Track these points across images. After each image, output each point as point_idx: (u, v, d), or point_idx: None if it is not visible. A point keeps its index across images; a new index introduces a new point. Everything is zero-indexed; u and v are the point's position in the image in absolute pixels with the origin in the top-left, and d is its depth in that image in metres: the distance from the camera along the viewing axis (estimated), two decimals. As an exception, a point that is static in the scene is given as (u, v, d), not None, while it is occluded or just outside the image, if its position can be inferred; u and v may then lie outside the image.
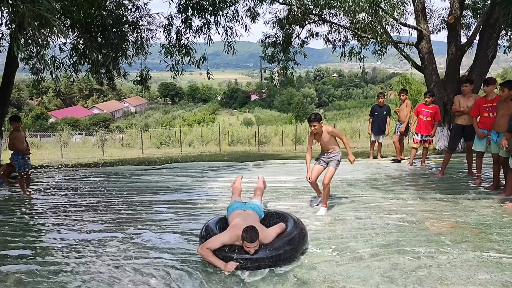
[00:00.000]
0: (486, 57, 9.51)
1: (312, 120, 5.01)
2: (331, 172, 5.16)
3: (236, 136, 28.12)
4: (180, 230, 4.66)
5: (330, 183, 5.17)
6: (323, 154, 5.32)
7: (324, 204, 5.22)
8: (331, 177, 5.15)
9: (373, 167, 8.48)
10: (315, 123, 5.00)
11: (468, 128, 6.80)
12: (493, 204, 5.39)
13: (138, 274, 3.49)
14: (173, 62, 9.86)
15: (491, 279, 3.28)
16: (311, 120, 5.02)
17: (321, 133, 5.13)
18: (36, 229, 4.72)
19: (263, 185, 5.45)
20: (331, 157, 5.23)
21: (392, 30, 10.66)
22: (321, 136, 5.14)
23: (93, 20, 7.91)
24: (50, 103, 70.75)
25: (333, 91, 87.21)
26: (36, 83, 10.09)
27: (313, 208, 5.41)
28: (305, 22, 11.67)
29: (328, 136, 5.15)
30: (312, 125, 5.02)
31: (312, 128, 5.05)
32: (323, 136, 5.14)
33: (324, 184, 5.14)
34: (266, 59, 12.48)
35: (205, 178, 7.80)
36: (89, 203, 6.00)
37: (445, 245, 4.00)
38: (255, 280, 3.35)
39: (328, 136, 5.15)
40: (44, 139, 33.24)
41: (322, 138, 5.15)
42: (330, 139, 5.17)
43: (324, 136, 5.14)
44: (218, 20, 10.09)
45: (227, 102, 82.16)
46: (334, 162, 5.20)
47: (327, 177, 5.13)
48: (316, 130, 5.05)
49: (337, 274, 3.44)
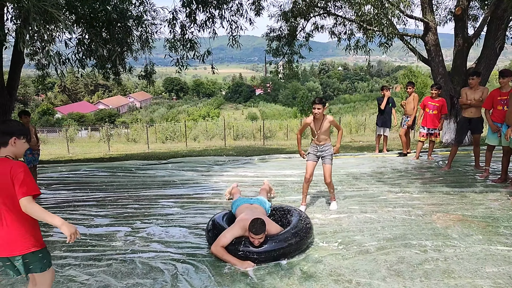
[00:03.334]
0: (494, 49, 9.39)
1: (317, 102, 4.82)
2: (329, 169, 5.01)
3: (241, 130, 28.16)
4: (186, 224, 4.68)
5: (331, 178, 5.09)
6: (315, 147, 5.06)
7: (333, 198, 5.21)
8: (330, 173, 5.02)
9: (379, 160, 8.45)
10: (320, 105, 4.79)
11: (475, 121, 6.73)
12: (500, 197, 5.35)
13: (145, 267, 3.51)
14: (178, 57, 9.84)
15: (499, 272, 3.27)
16: (315, 102, 4.83)
17: (321, 120, 4.91)
18: (44, 224, 4.76)
19: (268, 188, 5.46)
20: (324, 150, 4.99)
21: (398, 22, 10.56)
22: (320, 123, 4.91)
23: (97, 15, 7.91)
24: (56, 98, 71.19)
25: (338, 85, 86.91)
26: (41, 78, 10.14)
27: (315, 205, 5.40)
28: (310, 15, 11.59)
29: (327, 125, 4.93)
30: (316, 107, 4.79)
31: (316, 111, 4.79)
32: (323, 124, 4.90)
33: (327, 182, 5.06)
34: (271, 52, 12.44)
35: (211, 173, 7.81)
36: (96, 197, 6.04)
37: (452, 239, 3.98)
38: (261, 273, 3.36)
39: (327, 126, 4.94)
40: (51, 134, 33.52)
41: (322, 125, 4.90)
42: (327, 130, 4.98)
43: (324, 125, 4.90)
44: (222, 14, 10.06)
45: (231, 97, 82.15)
46: (329, 158, 5.00)
47: (327, 175, 5.00)
48: (318, 115, 4.82)
49: (343, 267, 3.44)
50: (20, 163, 2.40)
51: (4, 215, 2.37)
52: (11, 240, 2.38)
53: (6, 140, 2.43)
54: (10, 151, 2.44)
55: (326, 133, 4.99)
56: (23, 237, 2.40)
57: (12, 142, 2.44)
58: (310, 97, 61.05)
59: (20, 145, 2.48)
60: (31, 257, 2.44)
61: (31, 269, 2.47)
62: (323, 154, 5.04)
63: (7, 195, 2.34)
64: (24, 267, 2.45)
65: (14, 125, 2.53)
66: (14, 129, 2.48)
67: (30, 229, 2.43)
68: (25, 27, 5.01)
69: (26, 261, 2.43)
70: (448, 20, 11.88)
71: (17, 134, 2.47)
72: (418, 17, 10.38)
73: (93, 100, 73.84)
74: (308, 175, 5.10)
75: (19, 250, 2.39)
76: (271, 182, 6.59)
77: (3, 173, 2.33)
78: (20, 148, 2.49)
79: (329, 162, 5.02)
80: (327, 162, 5.02)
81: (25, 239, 2.40)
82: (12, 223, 2.37)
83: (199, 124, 32.83)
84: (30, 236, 2.43)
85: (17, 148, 2.47)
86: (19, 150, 2.49)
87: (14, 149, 2.46)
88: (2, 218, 2.37)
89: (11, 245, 2.38)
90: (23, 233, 2.40)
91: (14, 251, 2.39)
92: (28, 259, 2.43)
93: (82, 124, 46.38)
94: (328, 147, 5.02)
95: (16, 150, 2.47)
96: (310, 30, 12.34)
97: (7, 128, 2.47)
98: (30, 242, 2.42)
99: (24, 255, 2.41)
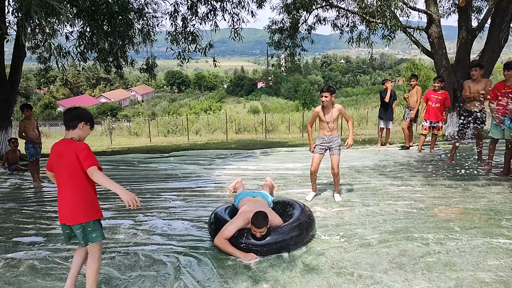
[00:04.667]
0: (498, 41, 9.30)
1: (324, 90, 4.84)
2: (337, 159, 5.06)
3: (243, 124, 28.14)
4: (189, 217, 4.70)
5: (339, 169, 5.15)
6: (323, 138, 5.06)
7: (336, 190, 5.24)
8: (338, 163, 5.10)
9: (381, 153, 8.43)
10: (327, 93, 4.80)
11: (478, 114, 6.69)
12: (503, 190, 5.34)
13: (148, 260, 3.54)
14: (180, 50, 9.82)
15: (501, 265, 3.27)
16: (323, 90, 4.85)
17: (329, 108, 4.90)
18: (48, 217, 4.80)
19: (271, 184, 5.47)
20: (333, 141, 5.01)
21: (401, 14, 10.44)
22: (329, 111, 4.90)
23: (99, 8, 7.87)
24: (57, 92, 71.13)
25: (341, 78, 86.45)
26: (43, 72, 10.14)
27: (317, 198, 5.41)
28: (313, 7, 11.49)
29: (336, 114, 4.92)
30: (323, 95, 4.82)
31: (323, 99, 4.82)
32: (332, 113, 4.89)
33: (335, 173, 5.09)
34: (273, 45, 12.35)
35: (213, 166, 7.83)
36: (98, 190, 6.05)
37: (454, 232, 3.99)
38: (264, 266, 3.38)
39: (336, 114, 4.92)
40: (53, 128, 33.60)
41: (331, 113, 4.89)
42: (336, 120, 4.97)
43: (333, 114, 4.89)
44: (224, 6, 10.01)
45: (233, 90, 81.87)
46: (337, 149, 5.04)
47: (336, 165, 5.06)
48: (326, 103, 4.83)
49: (345, 260, 3.45)
50: (83, 143, 2.73)
51: (70, 188, 2.69)
52: (75, 210, 2.69)
53: (76, 124, 2.76)
54: (76, 134, 2.77)
55: (335, 122, 4.99)
56: (85, 208, 2.71)
57: (80, 126, 2.77)
58: (312, 90, 60.90)
59: (85, 130, 2.82)
60: (92, 226, 2.74)
61: (88, 237, 2.75)
62: (331, 146, 5.06)
63: (73, 170, 2.66)
64: (82, 235, 2.73)
65: (84, 112, 2.86)
66: (84, 115, 2.82)
67: (91, 201, 2.76)
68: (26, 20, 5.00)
69: (86, 229, 2.72)
70: (452, 12, 11.76)
71: (86, 120, 2.81)
72: (421, 9, 10.28)
73: (95, 94, 73.79)
74: (313, 168, 5.14)
75: (82, 219, 2.69)
76: (273, 175, 6.60)
77: (69, 152, 2.66)
78: (85, 132, 2.82)
79: (337, 153, 5.07)
80: (336, 152, 5.06)
81: (87, 210, 2.71)
82: (77, 195, 2.69)
83: (201, 118, 32.83)
84: (92, 207, 2.75)
85: (83, 132, 2.80)
86: (84, 134, 2.82)
87: (81, 133, 2.79)
88: (68, 190, 2.69)
89: (75, 214, 2.69)
90: (85, 204, 2.71)
91: (78, 220, 2.69)
92: (90, 227, 2.73)
93: (84, 117, 46.36)
94: (336, 138, 5.06)
95: (81, 134, 2.80)
96: (313, 23, 12.25)
97: (79, 113, 2.81)
98: (92, 212, 2.74)
99: (86, 223, 2.71)
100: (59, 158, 2.70)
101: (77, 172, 2.65)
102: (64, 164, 2.68)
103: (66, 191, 2.69)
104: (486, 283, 2.99)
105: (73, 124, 2.75)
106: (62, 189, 2.72)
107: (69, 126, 2.76)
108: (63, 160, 2.68)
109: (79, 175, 2.66)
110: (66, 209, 2.70)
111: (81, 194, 2.69)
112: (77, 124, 2.75)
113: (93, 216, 2.74)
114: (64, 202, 2.70)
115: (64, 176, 2.69)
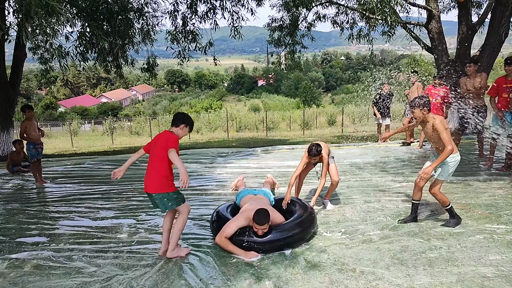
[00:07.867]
0: (499, 36, 9.27)
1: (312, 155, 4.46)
2: (335, 168, 4.78)
3: (244, 122, 28.14)
4: (191, 215, 4.68)
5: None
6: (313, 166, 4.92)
7: (327, 197, 4.93)
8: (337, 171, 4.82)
9: (382, 150, 8.44)
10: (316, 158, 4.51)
11: (478, 109, 6.68)
12: (504, 185, 5.35)
13: (151, 259, 3.55)
14: (180, 49, 9.83)
15: (502, 259, 3.28)
16: (310, 154, 4.47)
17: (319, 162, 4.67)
18: (51, 217, 4.83)
19: (272, 181, 5.46)
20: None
21: (401, 10, 10.46)
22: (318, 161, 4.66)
23: (98, 8, 7.88)
24: (58, 92, 71.16)
25: (341, 75, 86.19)
26: (44, 72, 10.16)
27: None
28: (312, 4, 11.46)
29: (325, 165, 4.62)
30: (312, 159, 4.54)
31: (312, 161, 4.60)
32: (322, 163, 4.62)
33: (336, 181, 4.77)
34: (272, 43, 12.36)
35: (214, 164, 7.84)
36: (101, 190, 6.09)
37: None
38: (266, 263, 3.39)
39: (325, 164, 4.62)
40: (54, 128, 33.63)
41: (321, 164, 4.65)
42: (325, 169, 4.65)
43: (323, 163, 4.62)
44: (223, 4, 10.00)
45: (234, 88, 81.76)
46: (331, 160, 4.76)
47: (335, 174, 4.76)
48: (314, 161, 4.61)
49: (347, 256, 3.46)
50: (176, 136, 3.39)
51: (157, 163, 3.34)
52: (157, 181, 3.34)
53: (179, 124, 3.46)
54: (176, 130, 3.45)
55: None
56: (164, 181, 3.34)
57: (181, 127, 3.47)
58: (312, 87, 60.80)
59: (184, 130, 3.49)
60: (168, 196, 3.37)
61: (166, 205, 3.41)
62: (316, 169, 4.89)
63: (161, 151, 3.30)
64: (161, 203, 3.40)
65: (188, 118, 3.55)
66: (187, 120, 3.51)
67: (170, 176, 3.38)
68: (27, 21, 5.01)
69: (163, 199, 3.36)
70: (452, 7, 11.75)
71: (187, 123, 3.50)
72: (421, 4, 10.27)
73: (95, 94, 73.82)
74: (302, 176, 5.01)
75: (162, 190, 3.35)
76: (274, 173, 6.61)
77: (163, 138, 3.35)
78: (183, 132, 3.48)
79: (333, 162, 4.79)
80: (331, 161, 4.76)
81: (163, 183, 3.34)
82: (161, 169, 3.33)
83: (201, 116, 32.83)
84: (169, 181, 3.37)
85: (182, 131, 3.48)
86: (182, 133, 3.48)
87: (180, 131, 3.46)
88: (156, 165, 3.35)
89: (156, 184, 3.34)
90: (165, 178, 3.34)
91: (159, 190, 3.35)
92: (166, 197, 3.36)
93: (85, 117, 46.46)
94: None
95: (180, 132, 3.47)
96: (312, 20, 12.26)
97: (184, 118, 3.52)
98: (168, 185, 3.37)
99: (163, 193, 3.36)
100: (156, 142, 3.41)
101: (163, 155, 3.28)
102: (157, 147, 3.36)
103: (152, 168, 3.37)
104: (488, 278, 3.00)
105: (177, 124, 3.46)
106: (149, 166, 3.39)
107: (174, 124, 3.47)
108: (158, 143, 3.37)
109: (164, 158, 3.29)
110: (150, 181, 3.37)
111: (164, 170, 3.32)
112: (179, 124, 3.45)
113: (168, 189, 3.35)
114: (149, 176, 3.37)
115: (154, 156, 3.37)
